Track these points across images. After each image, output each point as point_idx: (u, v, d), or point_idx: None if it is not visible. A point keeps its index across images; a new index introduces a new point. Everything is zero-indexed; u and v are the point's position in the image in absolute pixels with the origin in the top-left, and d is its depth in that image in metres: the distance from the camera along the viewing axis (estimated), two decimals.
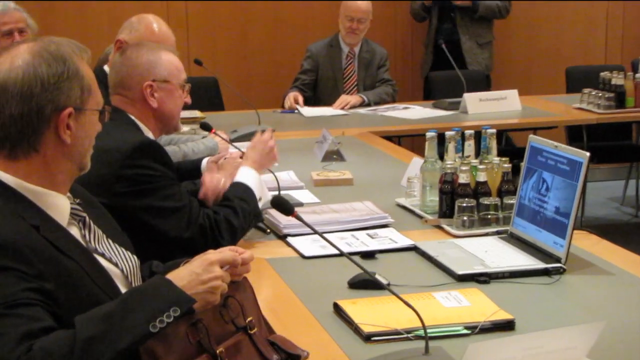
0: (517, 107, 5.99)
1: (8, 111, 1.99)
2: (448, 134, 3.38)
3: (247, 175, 3.11)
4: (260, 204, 3.08)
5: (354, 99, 6.17)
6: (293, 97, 6.16)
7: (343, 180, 3.95)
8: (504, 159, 3.27)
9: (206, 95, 6.51)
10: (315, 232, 2.30)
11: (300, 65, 6.54)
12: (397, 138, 5.98)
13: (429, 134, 3.41)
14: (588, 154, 2.74)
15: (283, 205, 2.36)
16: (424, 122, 5.56)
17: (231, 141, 4.64)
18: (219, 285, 1.98)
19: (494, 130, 3.40)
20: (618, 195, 7.49)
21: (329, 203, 3.49)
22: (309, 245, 3.00)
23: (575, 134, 6.52)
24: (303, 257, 2.94)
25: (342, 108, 6.08)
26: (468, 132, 3.40)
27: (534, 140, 2.99)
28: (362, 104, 6.18)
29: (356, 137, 5.10)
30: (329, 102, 6.20)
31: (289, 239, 3.09)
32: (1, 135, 2.01)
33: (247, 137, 4.92)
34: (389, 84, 6.46)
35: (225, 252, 2.05)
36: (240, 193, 3.02)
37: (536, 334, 2.11)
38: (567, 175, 2.78)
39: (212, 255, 2.02)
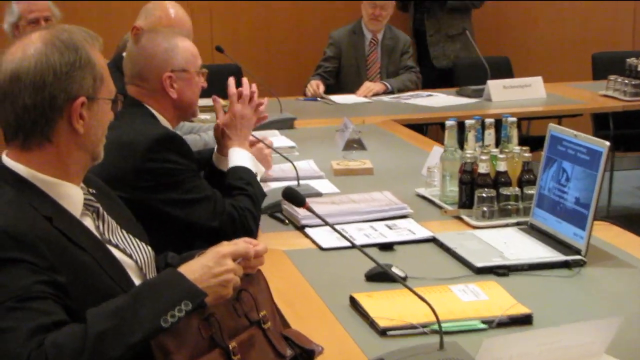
0: (542, 95, 5.92)
1: (21, 101, 1.98)
2: (468, 122, 3.34)
3: (240, 157, 3.11)
4: (257, 178, 3.11)
5: (377, 86, 6.13)
6: (315, 84, 6.12)
7: (363, 170, 3.92)
8: (524, 148, 3.23)
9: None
10: (327, 224, 2.28)
11: (323, 53, 6.50)
12: (423, 126, 5.95)
13: (448, 123, 3.38)
14: (608, 143, 2.69)
15: (294, 196, 2.35)
16: (447, 109, 5.51)
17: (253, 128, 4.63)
18: (231, 278, 1.96)
19: (514, 119, 3.37)
20: None
21: (348, 193, 3.46)
22: (327, 236, 2.98)
23: (601, 122, 6.44)
24: (321, 248, 2.92)
25: (366, 95, 6.04)
26: (488, 120, 3.36)
27: (554, 129, 2.95)
28: (386, 92, 6.14)
29: (378, 125, 5.06)
30: (351, 90, 6.16)
31: (307, 230, 3.06)
32: (14, 125, 2.00)
33: (269, 125, 4.91)
34: (412, 71, 6.41)
35: (239, 245, 2.03)
36: (247, 178, 3.02)
37: (553, 329, 2.09)
38: (587, 165, 2.74)
39: (224, 247, 2.00)
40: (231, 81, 3.25)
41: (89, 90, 2.03)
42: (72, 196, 2.06)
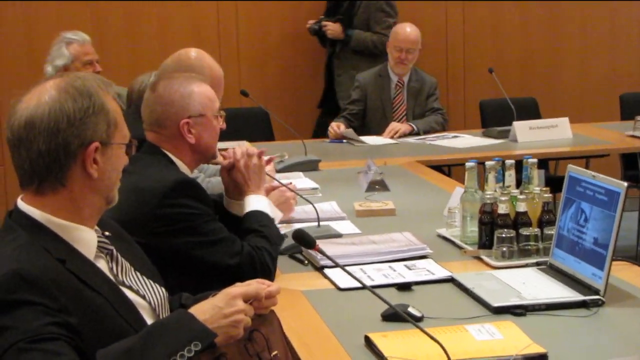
0: (568, 135, 5.92)
1: (36, 147, 2.02)
2: (488, 164, 3.35)
3: (256, 202, 3.13)
4: (275, 222, 3.14)
5: (403, 126, 6.16)
6: (336, 125, 6.14)
7: (385, 211, 3.93)
8: (544, 188, 3.23)
9: (256, 125, 6.56)
10: (337, 265, 2.29)
11: (349, 96, 6.54)
12: (447, 167, 5.97)
13: (468, 164, 3.39)
14: (626, 184, 2.69)
15: (304, 238, 2.36)
16: (472, 150, 5.52)
17: (278, 170, 4.67)
18: (241, 319, 1.98)
19: (535, 160, 3.37)
20: None
21: (370, 234, 3.47)
22: (345, 277, 2.97)
23: (629, 163, 6.43)
24: (339, 289, 2.93)
25: (392, 137, 6.07)
26: (509, 162, 3.37)
27: (573, 170, 2.95)
28: (412, 133, 6.16)
29: (403, 166, 5.08)
30: (377, 132, 6.19)
31: (326, 271, 3.07)
32: (29, 170, 2.04)
33: (294, 167, 4.96)
34: (439, 113, 6.42)
35: (250, 285, 2.05)
36: (263, 221, 3.05)
37: None
38: (605, 205, 2.73)
39: (235, 289, 2.02)
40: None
41: (103, 136, 2.07)
42: (86, 239, 2.09)
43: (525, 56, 7.92)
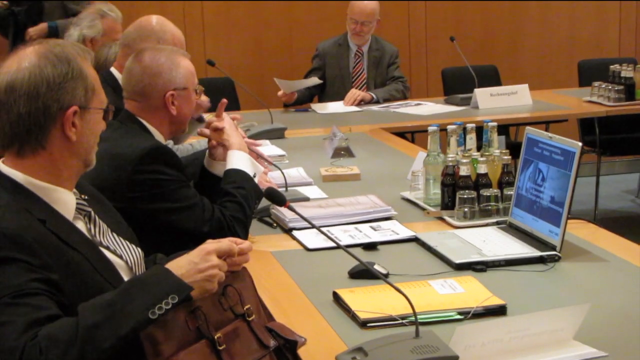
0: (528, 102, 6.05)
1: (16, 110, 2.10)
2: (450, 127, 3.46)
3: (237, 159, 3.20)
4: (255, 179, 3.19)
5: (362, 93, 6.25)
6: (282, 93, 6.21)
7: (350, 176, 4.04)
8: (504, 151, 3.35)
9: (222, 95, 6.59)
10: (312, 225, 2.39)
11: (311, 64, 6.64)
12: (411, 134, 6.08)
13: (430, 128, 3.50)
14: (580, 144, 2.81)
15: (275, 196, 2.46)
16: (434, 117, 5.63)
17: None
18: (216, 273, 2.07)
19: (495, 124, 3.48)
20: (633, 188, 7.53)
21: (336, 198, 3.57)
22: (313, 238, 3.09)
23: (587, 128, 6.58)
24: (307, 249, 3.03)
25: (353, 103, 6.16)
26: (469, 125, 3.48)
27: (531, 132, 3.07)
28: (372, 101, 6.26)
29: (367, 133, 5.19)
30: (336, 100, 6.28)
31: (294, 233, 3.17)
32: (10, 133, 2.12)
33: (260, 135, 5.04)
34: (400, 81, 6.51)
35: (223, 242, 2.14)
36: (239, 181, 3.11)
37: (522, 317, 2.20)
38: (561, 165, 2.85)
39: (209, 245, 2.11)
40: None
41: (81, 100, 2.15)
42: (65, 201, 2.17)
43: (486, 24, 8.03)
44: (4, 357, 1.91)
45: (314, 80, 6.24)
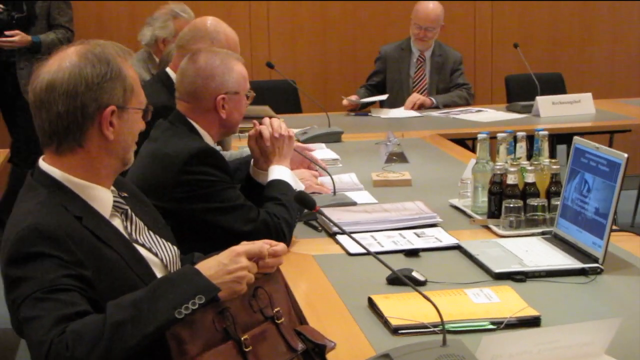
0: (591, 111, 5.97)
1: (55, 109, 2.15)
2: (500, 135, 3.44)
3: (279, 173, 3.22)
4: None
5: (422, 98, 6.25)
6: (354, 97, 6.28)
7: (401, 181, 4.03)
8: (553, 160, 3.31)
9: (284, 97, 6.66)
10: (343, 232, 2.40)
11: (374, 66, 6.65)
12: (472, 141, 6.04)
13: (480, 136, 3.47)
14: (626, 155, 2.77)
15: (305, 200, 2.47)
16: (495, 124, 5.58)
17: (302, 142, 4.77)
18: (244, 275, 2.09)
19: (546, 132, 3.44)
20: None
21: (385, 203, 3.57)
22: (356, 243, 3.08)
23: None
24: (349, 254, 3.04)
25: (412, 107, 6.16)
26: (520, 134, 3.45)
27: (578, 142, 3.03)
28: (432, 106, 6.25)
29: (424, 139, 5.17)
30: (396, 105, 6.28)
31: (338, 237, 3.18)
32: (49, 131, 2.17)
33: (316, 138, 5.06)
34: (464, 88, 6.49)
35: (254, 244, 2.16)
36: (284, 190, 3.14)
37: (552, 328, 2.19)
38: (607, 176, 2.82)
39: (239, 247, 2.14)
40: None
41: (119, 100, 2.19)
42: (102, 198, 2.22)
43: (554, 31, 7.94)
44: (33, 351, 1.96)
45: (381, 97, 6.25)
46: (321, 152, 4.62)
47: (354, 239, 2.41)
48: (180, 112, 3.19)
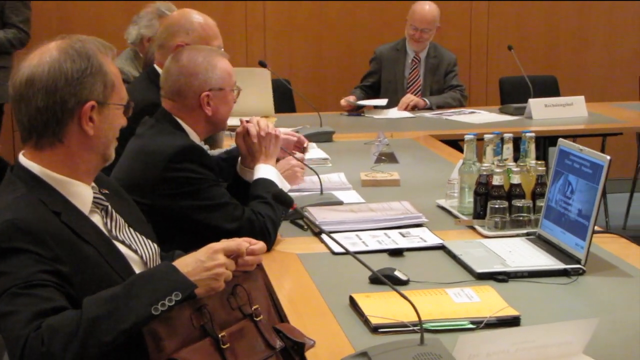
0: (584, 114, 5.98)
1: (34, 103, 2.15)
2: (487, 137, 3.44)
3: (265, 172, 3.23)
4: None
5: (416, 99, 6.25)
6: (353, 99, 6.29)
7: (390, 181, 4.04)
8: (539, 162, 3.32)
9: (279, 95, 6.65)
10: (322, 231, 2.40)
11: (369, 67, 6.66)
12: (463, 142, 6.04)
13: (467, 137, 3.48)
14: (609, 157, 2.77)
15: (283, 198, 2.47)
16: (487, 126, 5.57)
17: None
18: (222, 272, 2.09)
19: (532, 134, 3.44)
20: None
21: (373, 203, 3.57)
22: (340, 242, 3.08)
23: None
24: (333, 253, 3.04)
25: (406, 108, 6.16)
26: (507, 135, 3.46)
27: (563, 144, 3.04)
28: (425, 107, 6.25)
29: (415, 139, 5.18)
30: (389, 106, 6.28)
31: (323, 236, 3.18)
32: (28, 126, 2.17)
33: (308, 137, 5.03)
34: (458, 89, 6.50)
35: (231, 241, 2.16)
36: (269, 188, 3.14)
37: (530, 328, 2.19)
38: (590, 178, 2.82)
39: (217, 244, 2.14)
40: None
41: (99, 96, 2.19)
42: (82, 194, 2.22)
43: (550, 34, 7.95)
44: (9, 346, 1.96)
45: (380, 101, 6.25)
46: (312, 151, 4.61)
47: (333, 238, 2.42)
48: (165, 110, 3.19)
